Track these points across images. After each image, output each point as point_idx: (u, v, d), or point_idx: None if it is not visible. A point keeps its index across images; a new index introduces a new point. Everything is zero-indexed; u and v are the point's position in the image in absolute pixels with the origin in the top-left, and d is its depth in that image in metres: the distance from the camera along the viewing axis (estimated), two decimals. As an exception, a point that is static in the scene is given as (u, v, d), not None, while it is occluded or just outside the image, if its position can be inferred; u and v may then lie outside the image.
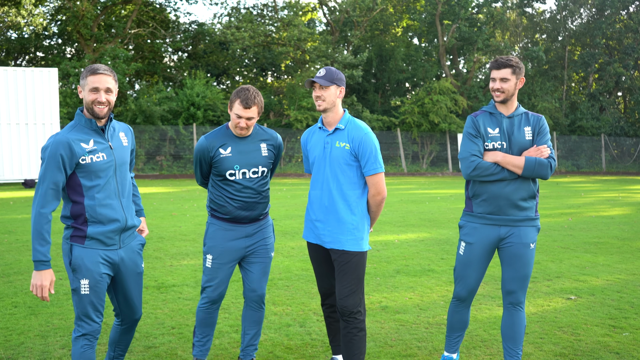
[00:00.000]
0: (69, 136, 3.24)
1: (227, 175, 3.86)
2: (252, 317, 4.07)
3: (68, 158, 3.21)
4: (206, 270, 3.98)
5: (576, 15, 40.26)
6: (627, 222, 11.80)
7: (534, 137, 3.80)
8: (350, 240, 3.74)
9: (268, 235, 4.07)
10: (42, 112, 20.36)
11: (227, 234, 3.94)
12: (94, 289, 3.29)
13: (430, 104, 31.27)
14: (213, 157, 3.87)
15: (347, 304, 3.72)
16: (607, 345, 4.60)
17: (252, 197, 3.92)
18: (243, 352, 4.11)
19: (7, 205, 13.96)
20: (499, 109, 3.85)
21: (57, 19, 31.66)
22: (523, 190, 3.76)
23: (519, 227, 3.78)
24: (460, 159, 3.86)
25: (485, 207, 3.81)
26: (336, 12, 34.64)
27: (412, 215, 12.61)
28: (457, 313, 4.04)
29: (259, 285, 4.03)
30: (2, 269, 7.04)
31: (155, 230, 9.98)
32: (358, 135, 3.77)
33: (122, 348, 3.74)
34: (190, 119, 28.24)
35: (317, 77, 3.75)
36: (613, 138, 36.90)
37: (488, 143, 3.80)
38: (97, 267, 3.29)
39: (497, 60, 3.79)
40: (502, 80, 3.76)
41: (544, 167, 3.70)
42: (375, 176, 3.76)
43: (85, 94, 3.28)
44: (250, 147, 3.92)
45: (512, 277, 3.82)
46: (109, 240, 3.33)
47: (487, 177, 3.75)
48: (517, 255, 3.79)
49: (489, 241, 3.82)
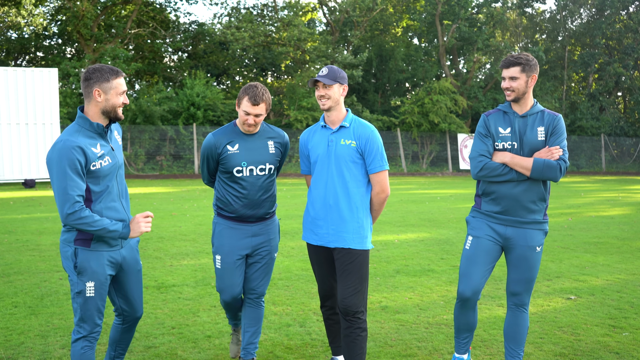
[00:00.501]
0: (80, 141, 3.16)
1: (234, 172, 3.86)
2: (251, 314, 4.07)
3: (83, 164, 3.14)
4: (217, 272, 4.01)
5: (576, 15, 40.26)
6: (627, 222, 11.81)
7: (546, 137, 3.67)
8: (355, 238, 3.74)
9: (273, 236, 4.07)
10: (42, 112, 20.36)
11: (233, 232, 3.95)
12: (99, 291, 3.29)
13: (430, 104, 31.27)
14: (220, 153, 3.87)
15: (350, 304, 3.69)
16: (607, 345, 4.61)
17: (258, 194, 3.92)
18: (244, 351, 4.11)
19: (7, 205, 13.96)
20: (513, 108, 3.74)
21: (57, 19, 31.65)
22: (533, 192, 3.68)
23: (526, 229, 3.72)
24: (470, 158, 3.81)
25: (493, 206, 3.76)
26: (336, 12, 34.63)
27: (412, 215, 12.61)
28: (463, 315, 3.92)
29: (259, 284, 4.05)
30: (2, 269, 7.04)
31: (155, 230, 9.99)
32: (365, 132, 3.79)
33: (123, 347, 3.74)
34: (190, 119, 28.23)
35: (320, 76, 3.75)
36: (613, 138, 36.90)
37: (498, 143, 3.72)
38: (103, 269, 3.29)
39: (506, 59, 3.69)
40: (511, 79, 3.66)
41: (552, 170, 3.58)
42: (380, 174, 3.78)
43: (110, 97, 3.21)
44: (257, 144, 3.92)
45: (517, 279, 3.79)
46: (113, 241, 3.34)
47: (494, 177, 3.68)
48: (523, 258, 3.74)
49: (495, 237, 3.76)
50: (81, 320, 3.29)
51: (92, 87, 3.21)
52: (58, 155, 3.12)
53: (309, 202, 3.95)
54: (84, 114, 3.28)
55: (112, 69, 3.23)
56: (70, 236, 3.27)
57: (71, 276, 3.28)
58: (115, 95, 3.22)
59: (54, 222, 10.83)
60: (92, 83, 3.21)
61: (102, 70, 3.22)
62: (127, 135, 27.08)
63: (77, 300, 3.28)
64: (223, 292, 4.01)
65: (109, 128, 3.35)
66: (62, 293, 5.99)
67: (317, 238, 3.87)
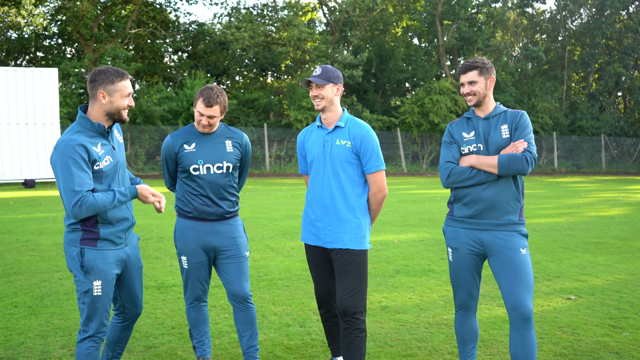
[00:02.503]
0: (83, 139, 3.18)
1: (191, 170, 3.89)
2: (242, 318, 4.00)
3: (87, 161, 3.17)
4: (184, 271, 4.02)
5: (576, 15, 40.28)
6: (627, 222, 11.81)
7: (511, 134, 3.62)
8: (352, 238, 3.72)
9: (238, 235, 4.02)
10: (42, 112, 20.36)
11: (194, 232, 3.93)
12: (106, 290, 3.30)
13: (430, 104, 31.27)
14: (177, 153, 3.91)
15: (349, 304, 3.68)
16: (607, 345, 4.60)
17: (216, 192, 3.92)
18: (246, 355, 4.04)
19: (7, 205, 13.96)
20: (476, 113, 3.73)
21: (57, 19, 31.66)
22: (505, 192, 3.59)
23: (503, 231, 3.58)
24: (438, 168, 3.79)
25: (466, 210, 3.65)
26: (336, 12, 34.62)
27: (412, 215, 12.61)
28: (465, 323, 3.82)
29: (239, 286, 3.95)
30: (2, 269, 7.04)
31: (155, 230, 9.98)
32: (360, 132, 3.77)
33: (122, 347, 3.75)
34: (190, 119, 28.21)
35: (313, 77, 3.75)
36: (613, 138, 36.90)
37: (464, 147, 3.68)
38: (110, 267, 3.31)
39: (463, 65, 3.69)
40: (470, 83, 3.64)
41: (519, 162, 3.49)
42: (376, 174, 3.77)
43: (114, 99, 3.24)
44: (214, 143, 3.95)
45: (511, 288, 3.51)
46: (119, 240, 3.36)
47: (463, 181, 3.62)
48: (509, 262, 3.54)
49: (473, 246, 3.65)
50: (88, 319, 3.29)
51: (97, 89, 3.22)
52: (61, 155, 3.13)
53: (306, 203, 3.94)
54: (87, 114, 3.29)
55: (118, 71, 3.23)
56: (75, 236, 3.27)
57: (78, 276, 3.28)
58: (120, 98, 3.24)
59: (54, 222, 10.83)
60: (97, 85, 3.22)
61: (107, 72, 3.22)
62: (127, 135, 27.08)
63: (84, 300, 3.27)
64: (190, 291, 4.02)
65: (110, 128, 3.36)
66: (62, 293, 5.99)
67: (314, 239, 3.86)
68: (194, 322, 4.09)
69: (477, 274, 3.74)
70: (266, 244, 8.92)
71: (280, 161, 30.11)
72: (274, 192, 18.00)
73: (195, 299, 4.05)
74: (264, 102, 31.48)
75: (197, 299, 4.05)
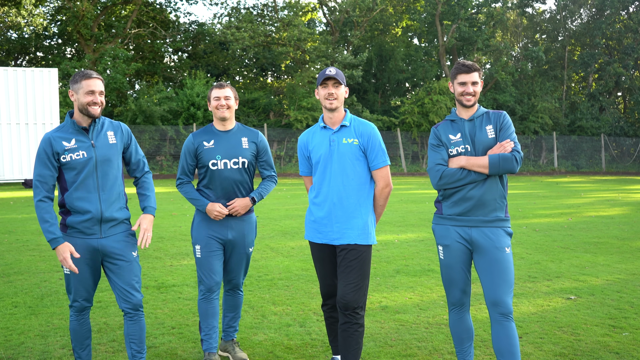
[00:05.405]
0: (53, 134, 3.58)
1: (209, 165, 4.17)
2: (230, 302, 4.43)
3: (50, 154, 3.54)
4: (198, 261, 4.23)
5: (576, 15, 40.28)
6: (627, 222, 11.81)
7: (496, 134, 3.72)
8: (360, 234, 3.79)
9: (248, 232, 4.29)
10: (42, 112, 20.37)
11: (210, 223, 4.20)
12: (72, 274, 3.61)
13: (430, 104, 31.27)
14: (197, 149, 4.21)
15: (350, 299, 3.72)
16: (607, 345, 4.61)
17: (232, 187, 4.20)
18: (224, 333, 4.44)
19: (7, 205, 13.96)
20: (460, 115, 3.80)
21: (57, 19, 31.67)
22: (492, 190, 3.69)
23: (491, 227, 3.68)
24: (428, 171, 3.84)
25: (454, 209, 3.74)
26: (336, 12, 34.64)
27: (412, 215, 12.61)
28: (460, 321, 3.86)
29: (235, 276, 4.35)
30: (2, 269, 7.05)
31: (155, 230, 9.99)
32: (366, 130, 3.89)
33: (137, 343, 3.75)
34: (191, 119, 28.23)
35: (333, 75, 3.79)
36: (613, 138, 36.91)
37: (452, 149, 3.75)
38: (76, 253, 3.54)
39: (465, 65, 3.74)
40: (473, 84, 3.71)
41: (508, 162, 3.61)
42: (383, 169, 3.88)
43: (79, 96, 3.58)
44: (232, 139, 4.25)
45: (493, 285, 3.61)
46: (88, 230, 3.59)
47: (455, 183, 3.69)
48: (494, 261, 3.64)
49: (462, 240, 3.73)
50: (67, 291, 3.73)
51: (69, 89, 3.65)
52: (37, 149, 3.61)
53: (311, 202, 3.98)
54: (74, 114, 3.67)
55: (86, 73, 3.59)
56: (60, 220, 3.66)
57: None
58: (83, 95, 3.56)
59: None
60: (70, 86, 3.66)
61: (77, 74, 3.63)
62: (127, 135, 27.06)
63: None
64: (203, 281, 4.19)
65: (92, 126, 3.63)
66: (62, 293, 6.00)
67: (321, 236, 3.90)
68: (203, 314, 4.23)
69: (468, 270, 3.81)
70: (266, 244, 8.92)
71: (280, 161, 30.11)
72: (274, 192, 18.00)
73: (207, 289, 4.20)
74: (264, 102, 31.49)
75: (210, 290, 4.20)
